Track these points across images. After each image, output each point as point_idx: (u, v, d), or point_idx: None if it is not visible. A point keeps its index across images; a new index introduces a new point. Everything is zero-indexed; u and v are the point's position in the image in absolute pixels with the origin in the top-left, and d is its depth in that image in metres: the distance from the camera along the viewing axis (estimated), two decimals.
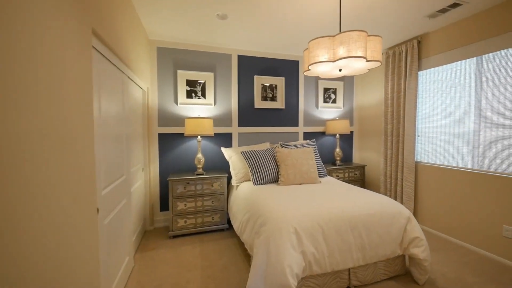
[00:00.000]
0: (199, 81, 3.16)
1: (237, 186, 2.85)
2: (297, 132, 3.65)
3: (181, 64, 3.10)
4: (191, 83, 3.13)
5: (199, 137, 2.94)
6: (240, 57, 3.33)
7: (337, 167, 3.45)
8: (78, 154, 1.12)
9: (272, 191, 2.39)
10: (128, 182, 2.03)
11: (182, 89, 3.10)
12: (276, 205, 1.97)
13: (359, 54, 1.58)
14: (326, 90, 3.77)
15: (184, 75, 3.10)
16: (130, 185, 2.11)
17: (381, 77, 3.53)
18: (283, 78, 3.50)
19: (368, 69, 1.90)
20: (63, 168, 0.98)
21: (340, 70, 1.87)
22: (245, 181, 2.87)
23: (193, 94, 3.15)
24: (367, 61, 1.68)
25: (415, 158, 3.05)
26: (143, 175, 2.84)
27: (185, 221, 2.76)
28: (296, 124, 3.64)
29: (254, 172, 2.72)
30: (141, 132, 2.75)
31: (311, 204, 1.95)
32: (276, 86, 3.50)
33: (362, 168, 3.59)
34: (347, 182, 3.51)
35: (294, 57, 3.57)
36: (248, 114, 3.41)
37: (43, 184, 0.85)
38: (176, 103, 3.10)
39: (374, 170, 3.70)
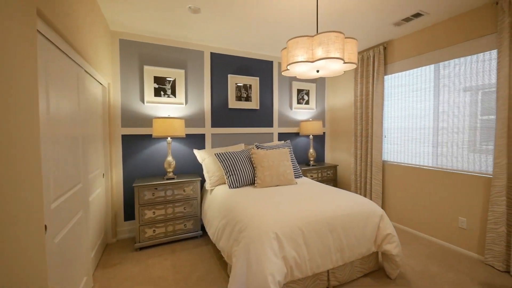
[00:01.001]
0: (168, 78, 2.93)
1: (212, 190, 2.70)
2: (272, 133, 3.62)
3: (148, 59, 2.85)
4: (159, 80, 2.89)
5: (169, 138, 2.73)
6: (213, 55, 3.19)
7: (311, 167, 3.50)
8: (19, 161, 0.90)
9: (249, 194, 2.31)
10: (85, 191, 1.77)
11: (150, 86, 2.85)
12: (254, 210, 1.88)
13: (337, 55, 1.57)
14: (299, 91, 3.81)
15: (151, 71, 2.85)
16: (88, 194, 1.84)
17: (351, 80, 3.68)
18: (258, 78, 3.45)
19: (344, 71, 1.93)
20: None
21: (318, 71, 1.86)
22: (220, 184, 2.74)
23: (162, 92, 2.91)
24: (344, 63, 1.69)
25: (383, 157, 3.23)
26: (103, 182, 2.53)
27: (154, 230, 2.53)
28: (271, 125, 3.61)
29: (230, 175, 2.60)
30: (101, 133, 2.44)
31: (290, 207, 1.91)
32: (250, 86, 3.42)
33: (334, 168, 3.70)
34: (321, 182, 3.59)
35: (268, 57, 3.54)
36: (222, 114, 3.28)
37: None
38: (143, 102, 2.84)
39: (345, 170, 3.84)
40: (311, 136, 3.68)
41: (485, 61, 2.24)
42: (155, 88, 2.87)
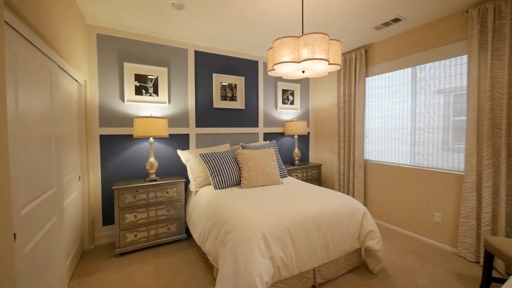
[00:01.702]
0: (150, 76, 2.83)
1: (196, 191, 2.64)
2: (257, 133, 3.61)
3: (128, 56, 2.73)
4: (140, 78, 2.78)
5: (151, 138, 2.63)
6: (197, 53, 3.12)
7: (296, 167, 3.54)
8: None
9: (236, 195, 2.28)
10: (59, 195, 1.65)
11: (130, 84, 2.73)
12: (241, 210, 1.86)
13: (323, 56, 1.60)
14: (284, 91, 3.85)
15: (132, 68, 2.73)
16: (62, 199, 1.72)
17: (334, 81, 3.77)
18: (243, 77, 3.43)
19: (328, 72, 1.96)
20: None
21: (303, 71, 1.88)
22: (205, 185, 2.68)
23: (144, 91, 2.80)
24: (329, 64, 1.72)
25: (364, 156, 3.34)
26: (80, 185, 2.39)
27: (135, 234, 2.42)
28: (256, 125, 3.61)
29: (215, 176, 2.56)
30: (77, 133, 2.30)
31: (277, 207, 1.91)
32: (235, 85, 3.39)
33: (318, 167, 3.77)
34: (306, 181, 3.64)
35: (254, 57, 3.53)
36: (207, 114, 3.22)
37: None
38: (123, 100, 2.71)
39: (329, 169, 3.93)
40: (296, 136, 3.72)
41: (457, 65, 2.39)
42: (136, 86, 2.76)
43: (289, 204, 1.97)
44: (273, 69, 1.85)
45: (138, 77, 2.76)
